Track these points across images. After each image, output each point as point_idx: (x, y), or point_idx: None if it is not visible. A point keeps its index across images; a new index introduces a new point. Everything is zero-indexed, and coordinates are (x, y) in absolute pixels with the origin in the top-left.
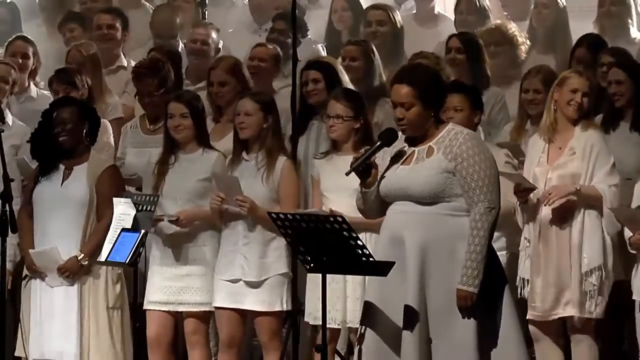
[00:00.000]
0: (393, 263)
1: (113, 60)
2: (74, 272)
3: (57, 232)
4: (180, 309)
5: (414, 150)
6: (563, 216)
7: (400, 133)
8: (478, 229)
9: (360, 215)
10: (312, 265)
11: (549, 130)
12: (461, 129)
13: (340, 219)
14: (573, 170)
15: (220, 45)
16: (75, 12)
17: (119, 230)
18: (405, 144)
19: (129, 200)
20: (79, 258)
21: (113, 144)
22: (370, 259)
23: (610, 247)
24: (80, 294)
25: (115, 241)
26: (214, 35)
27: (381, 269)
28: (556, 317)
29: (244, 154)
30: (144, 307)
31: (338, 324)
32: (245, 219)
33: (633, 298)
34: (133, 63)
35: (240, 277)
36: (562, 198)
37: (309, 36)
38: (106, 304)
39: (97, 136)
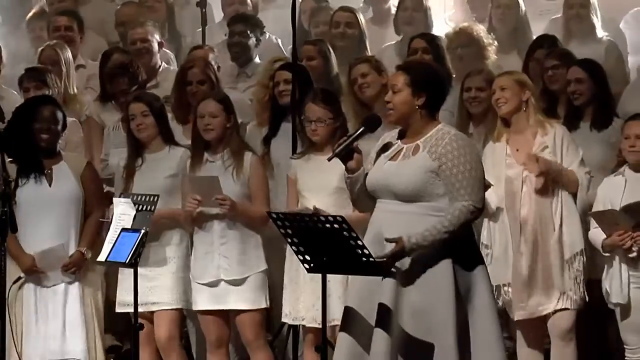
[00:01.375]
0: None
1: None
2: (80, 267)
3: (52, 233)
4: (153, 308)
5: (403, 147)
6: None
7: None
8: (453, 217)
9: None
10: (312, 265)
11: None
12: (449, 129)
13: (340, 219)
14: None
15: (160, 40)
16: (44, 11)
17: (119, 230)
18: (398, 140)
19: (129, 200)
20: (83, 252)
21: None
22: (370, 259)
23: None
24: (83, 290)
25: (115, 241)
26: (154, 32)
27: (381, 269)
28: (547, 311)
29: (207, 155)
30: (117, 310)
31: (319, 323)
32: (221, 219)
33: (612, 301)
34: (90, 61)
35: (220, 277)
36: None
37: (267, 33)
38: (102, 299)
39: (62, 140)
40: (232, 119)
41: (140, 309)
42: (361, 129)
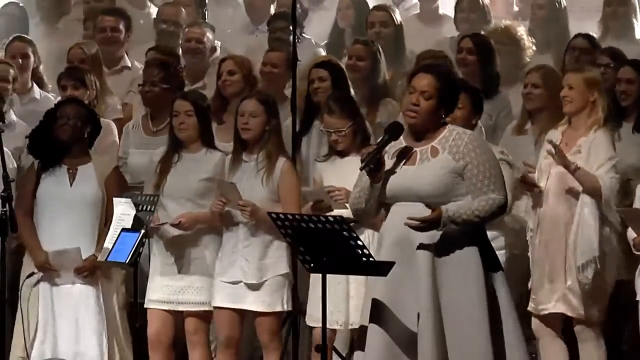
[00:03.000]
0: (393, 263)
1: (117, 61)
2: (92, 272)
3: (68, 233)
4: (180, 308)
5: (416, 150)
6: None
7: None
8: (485, 204)
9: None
10: (312, 265)
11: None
12: (463, 130)
13: (340, 219)
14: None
15: (217, 45)
16: (92, 11)
17: (119, 230)
18: (403, 143)
19: (129, 200)
20: (97, 256)
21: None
22: (371, 259)
23: (608, 246)
24: (97, 294)
25: (115, 241)
26: (209, 34)
27: (381, 269)
28: (546, 312)
29: (243, 155)
30: (145, 306)
31: (340, 325)
32: (246, 223)
33: (637, 299)
34: (136, 63)
35: (240, 279)
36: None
37: (307, 36)
38: (118, 304)
39: (95, 141)
40: (272, 121)
41: (169, 307)
42: (386, 137)
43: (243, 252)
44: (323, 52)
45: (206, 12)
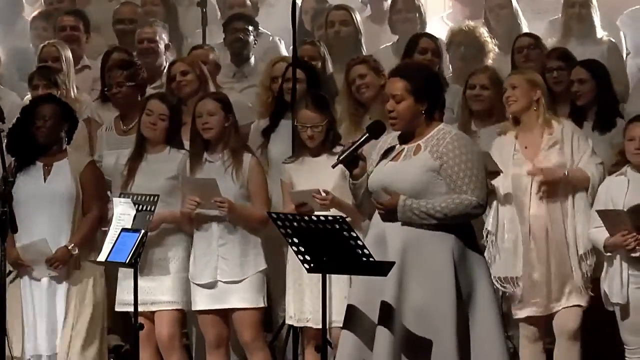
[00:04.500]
0: (393, 263)
1: (77, 60)
2: (64, 262)
3: (44, 229)
4: (153, 308)
5: (404, 148)
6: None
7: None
8: (453, 203)
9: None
10: (312, 265)
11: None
12: (450, 129)
13: (340, 219)
14: (556, 161)
15: (167, 42)
16: (49, 12)
17: (119, 230)
18: (398, 142)
19: (129, 200)
20: (69, 247)
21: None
22: (371, 259)
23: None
24: (68, 291)
25: (115, 241)
26: (161, 33)
27: (381, 269)
28: (560, 308)
29: (205, 155)
30: (116, 309)
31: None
32: (221, 221)
33: (611, 301)
34: (95, 62)
35: (217, 278)
36: (552, 185)
37: (263, 30)
38: (94, 298)
39: (73, 136)
40: (230, 118)
41: (142, 308)
42: (365, 136)
43: (219, 251)
44: (280, 44)
45: (206, 12)
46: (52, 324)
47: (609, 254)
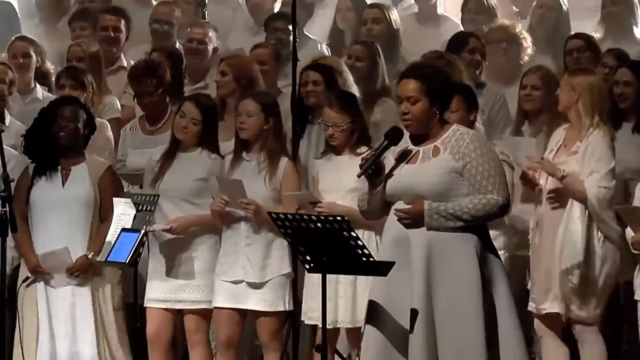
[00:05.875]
0: (393, 263)
1: (114, 61)
2: (84, 271)
3: (62, 234)
4: (178, 306)
5: (419, 150)
6: (556, 200)
7: (405, 131)
8: (480, 204)
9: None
10: (312, 265)
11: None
12: (467, 130)
13: (340, 219)
14: (570, 169)
15: (217, 44)
16: (87, 10)
17: (119, 230)
18: (409, 144)
19: (129, 200)
20: (89, 257)
21: (112, 141)
22: (370, 259)
23: (603, 248)
24: (92, 295)
25: (115, 241)
26: (211, 34)
27: (381, 269)
28: (544, 312)
29: (244, 154)
30: (145, 305)
31: (329, 324)
32: (248, 221)
33: (635, 298)
34: (132, 62)
35: (242, 278)
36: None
37: (310, 35)
38: (113, 305)
39: (90, 140)
40: (270, 121)
41: (167, 305)
42: (385, 143)
43: (245, 250)
44: (326, 51)
45: (206, 12)
46: (74, 332)
47: (637, 251)
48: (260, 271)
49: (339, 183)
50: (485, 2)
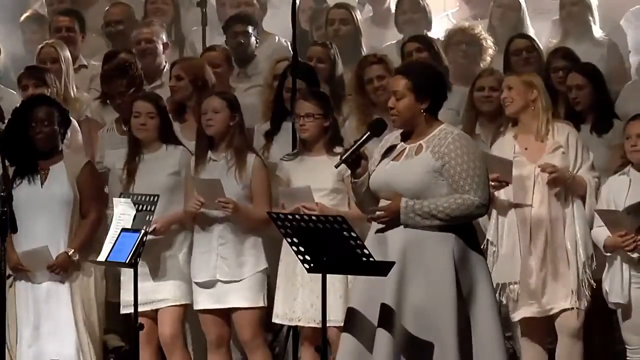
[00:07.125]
0: (393, 263)
1: (74, 60)
2: (64, 268)
3: (42, 233)
4: (159, 306)
5: (405, 147)
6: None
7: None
8: (456, 204)
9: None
10: (312, 265)
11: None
12: (452, 129)
13: (340, 219)
14: (560, 165)
15: (166, 41)
16: (38, 14)
17: (119, 230)
18: (400, 141)
19: (129, 200)
20: (69, 253)
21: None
22: (370, 259)
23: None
24: (72, 291)
25: (115, 241)
26: (160, 33)
27: (381, 269)
28: (557, 310)
29: (210, 154)
30: (121, 312)
31: (317, 323)
32: (221, 220)
33: (611, 301)
34: (92, 62)
35: (217, 277)
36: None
37: (267, 31)
38: (96, 299)
39: (66, 140)
40: (236, 117)
41: (145, 308)
42: (367, 134)
43: (218, 250)
44: (285, 44)
45: (206, 12)
46: (56, 327)
47: (608, 254)
48: (237, 269)
49: (317, 183)
50: (420, 1)
